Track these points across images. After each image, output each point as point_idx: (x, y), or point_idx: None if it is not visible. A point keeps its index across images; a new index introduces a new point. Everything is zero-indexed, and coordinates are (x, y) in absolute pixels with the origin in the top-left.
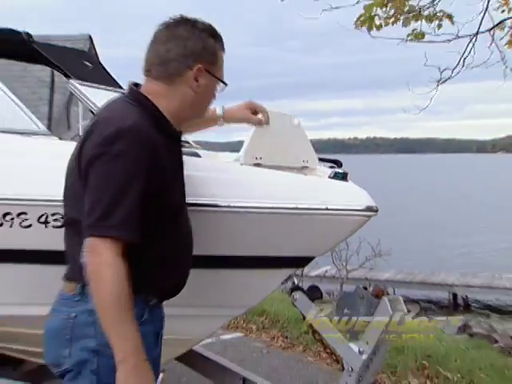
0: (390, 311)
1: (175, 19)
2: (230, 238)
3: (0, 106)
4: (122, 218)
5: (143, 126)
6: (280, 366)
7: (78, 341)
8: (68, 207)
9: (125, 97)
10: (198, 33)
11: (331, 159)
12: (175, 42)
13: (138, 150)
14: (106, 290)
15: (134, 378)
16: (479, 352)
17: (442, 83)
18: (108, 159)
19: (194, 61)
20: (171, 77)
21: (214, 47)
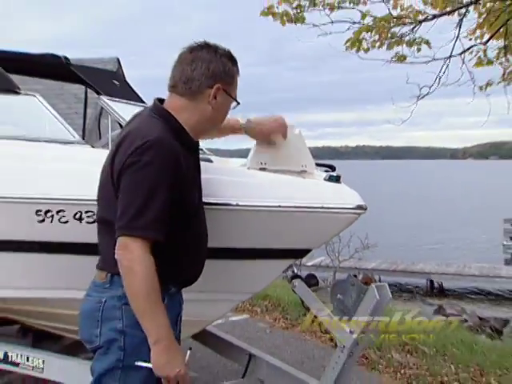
0: (376, 296)
1: (199, 44)
2: (239, 233)
3: (43, 120)
4: (151, 220)
5: (166, 138)
6: (281, 343)
7: (107, 322)
8: (100, 207)
9: (150, 111)
10: (219, 57)
11: (326, 164)
12: (200, 64)
13: (162, 159)
14: (138, 283)
15: (166, 356)
16: (451, 330)
17: (421, 98)
18: (138, 168)
19: (214, 81)
20: (194, 94)
21: (233, 70)
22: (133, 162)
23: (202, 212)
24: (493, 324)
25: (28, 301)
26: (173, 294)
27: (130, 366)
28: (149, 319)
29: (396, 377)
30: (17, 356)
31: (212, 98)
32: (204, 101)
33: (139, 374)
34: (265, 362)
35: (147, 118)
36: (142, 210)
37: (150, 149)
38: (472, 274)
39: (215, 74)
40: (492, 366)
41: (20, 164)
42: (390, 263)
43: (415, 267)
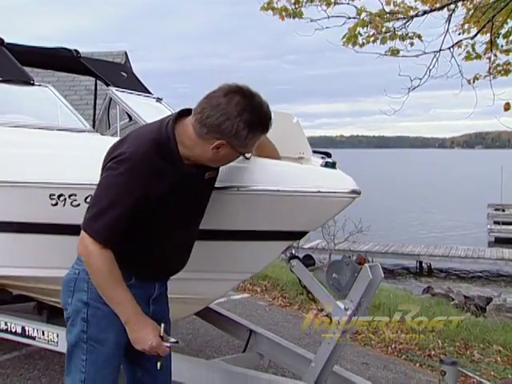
0: (369, 275)
1: (237, 92)
2: (239, 216)
3: (56, 110)
4: (104, 225)
5: (147, 155)
6: (280, 320)
7: (77, 292)
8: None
9: (164, 122)
10: (239, 120)
11: (322, 151)
12: (218, 115)
13: (134, 174)
14: (96, 273)
15: (137, 332)
16: (439, 307)
17: (412, 90)
18: (113, 174)
19: (221, 136)
20: (201, 135)
21: (246, 137)
22: (111, 167)
23: (183, 226)
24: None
25: (42, 279)
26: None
27: (94, 337)
28: (114, 304)
29: (387, 351)
30: (33, 330)
31: (214, 148)
32: (208, 145)
33: (104, 349)
34: (264, 337)
35: (147, 133)
36: (101, 213)
37: (127, 161)
38: (458, 255)
39: (224, 133)
40: (476, 340)
41: (34, 151)
42: (381, 246)
43: (405, 249)
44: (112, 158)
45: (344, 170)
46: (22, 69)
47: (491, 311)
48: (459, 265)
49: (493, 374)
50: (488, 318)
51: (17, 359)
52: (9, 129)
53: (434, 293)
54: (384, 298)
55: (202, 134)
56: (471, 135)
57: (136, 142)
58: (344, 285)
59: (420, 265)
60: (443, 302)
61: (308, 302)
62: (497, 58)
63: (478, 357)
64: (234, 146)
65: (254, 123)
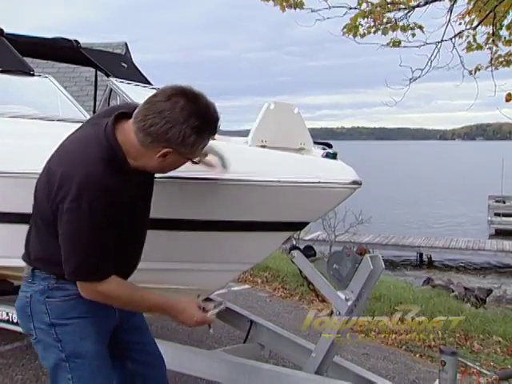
0: (370, 266)
1: (180, 94)
2: (240, 207)
3: (56, 100)
4: (96, 264)
5: (95, 176)
6: (280, 311)
7: (36, 316)
8: (36, 210)
9: (97, 135)
10: (185, 126)
11: (323, 142)
12: (162, 122)
13: (99, 206)
14: (122, 302)
15: (179, 315)
16: (439, 299)
17: (413, 81)
18: (77, 216)
19: (167, 145)
20: (145, 144)
21: (193, 143)
22: (69, 208)
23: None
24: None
25: None
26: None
27: (73, 353)
28: (147, 310)
29: (387, 342)
30: None
31: (161, 156)
32: (153, 153)
33: (86, 361)
34: (265, 328)
35: (91, 138)
36: (86, 257)
37: (83, 195)
38: (459, 247)
39: (170, 141)
40: (476, 331)
41: (35, 141)
42: (382, 237)
43: (406, 241)
44: (63, 198)
45: (345, 162)
46: (22, 59)
47: (491, 303)
48: (460, 256)
49: (492, 364)
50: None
51: (18, 349)
52: (9, 119)
53: (434, 284)
54: (384, 289)
55: (146, 143)
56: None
57: (81, 167)
58: (345, 275)
59: (420, 256)
60: (443, 293)
61: (309, 293)
62: (498, 49)
63: (478, 347)
64: (181, 153)
65: (202, 128)
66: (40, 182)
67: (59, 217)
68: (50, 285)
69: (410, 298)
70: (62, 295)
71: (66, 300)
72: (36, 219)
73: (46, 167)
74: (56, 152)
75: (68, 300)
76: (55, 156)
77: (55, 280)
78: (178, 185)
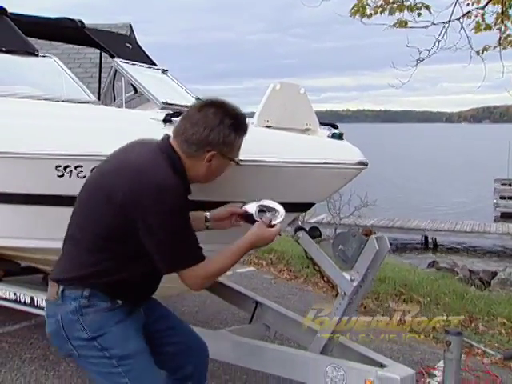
0: (376, 247)
1: (210, 103)
2: (245, 188)
3: (60, 81)
4: (195, 251)
5: (172, 179)
6: (285, 293)
7: (73, 335)
8: (77, 227)
9: (158, 146)
10: (222, 127)
11: (329, 123)
12: (201, 130)
13: (178, 200)
14: (223, 270)
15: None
16: (444, 281)
17: (420, 62)
18: (168, 215)
19: (211, 148)
20: (190, 154)
21: (233, 141)
22: (156, 212)
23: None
24: (482, 276)
25: (49, 251)
26: (127, 311)
27: (120, 357)
28: (242, 255)
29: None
30: (42, 300)
31: (206, 161)
32: (199, 161)
33: (136, 360)
34: (270, 308)
35: (154, 153)
36: (185, 243)
37: (165, 198)
38: (464, 230)
39: (212, 143)
40: (480, 313)
41: (40, 122)
42: (387, 220)
43: (411, 224)
44: (146, 207)
45: (351, 143)
46: (26, 39)
47: (496, 285)
48: (465, 239)
49: (497, 345)
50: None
51: (26, 329)
52: (14, 100)
53: (439, 267)
54: (389, 271)
55: (191, 153)
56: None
57: (155, 175)
58: (350, 256)
59: (425, 239)
60: (448, 276)
61: (314, 275)
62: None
63: (483, 329)
64: (224, 154)
65: (237, 126)
66: (92, 202)
67: (144, 227)
68: (81, 303)
69: (415, 280)
70: (95, 311)
71: (99, 314)
72: (74, 235)
73: (98, 188)
74: (109, 175)
75: (101, 313)
76: (109, 179)
77: (86, 298)
78: None
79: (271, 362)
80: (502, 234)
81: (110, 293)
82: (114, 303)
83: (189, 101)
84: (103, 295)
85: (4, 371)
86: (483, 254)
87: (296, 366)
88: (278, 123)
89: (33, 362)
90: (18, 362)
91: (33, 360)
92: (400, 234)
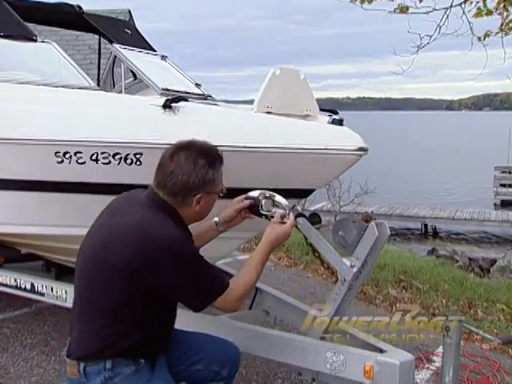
0: (376, 233)
1: (178, 149)
2: (245, 174)
3: (59, 66)
4: (220, 279)
5: (178, 231)
6: (285, 279)
7: None
8: (88, 300)
9: (148, 201)
10: (198, 169)
11: (329, 109)
12: (179, 178)
13: (193, 248)
14: (252, 285)
15: (281, 239)
16: (443, 268)
17: (422, 48)
18: (184, 268)
19: (196, 192)
20: (179, 204)
21: (213, 177)
22: (174, 267)
23: None
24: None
25: (48, 237)
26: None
27: None
28: (265, 261)
29: (391, 310)
30: (42, 287)
31: (196, 204)
32: (189, 207)
33: None
34: (270, 294)
35: (151, 210)
36: (210, 281)
37: (179, 248)
38: (464, 218)
39: (195, 187)
40: (479, 300)
41: (39, 108)
42: (387, 208)
43: (411, 212)
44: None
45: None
46: (24, 24)
47: (495, 272)
48: (464, 227)
49: (495, 331)
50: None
51: (27, 315)
52: (12, 85)
53: (438, 255)
54: (389, 258)
55: (179, 202)
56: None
57: (163, 232)
58: (350, 242)
59: (425, 227)
60: (448, 263)
61: (313, 261)
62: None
63: (482, 315)
64: (209, 192)
65: (211, 161)
66: (96, 275)
67: (165, 284)
68: (106, 376)
69: (415, 267)
70: (121, 379)
71: (126, 381)
72: (84, 310)
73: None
74: (108, 245)
75: (128, 380)
76: (110, 249)
77: (110, 370)
78: None
79: (271, 347)
80: (501, 222)
81: (131, 355)
82: (138, 364)
83: (189, 87)
84: (125, 360)
85: (5, 356)
86: (483, 242)
87: (296, 351)
88: (278, 109)
89: (34, 347)
90: (19, 347)
91: (34, 345)
92: (400, 222)
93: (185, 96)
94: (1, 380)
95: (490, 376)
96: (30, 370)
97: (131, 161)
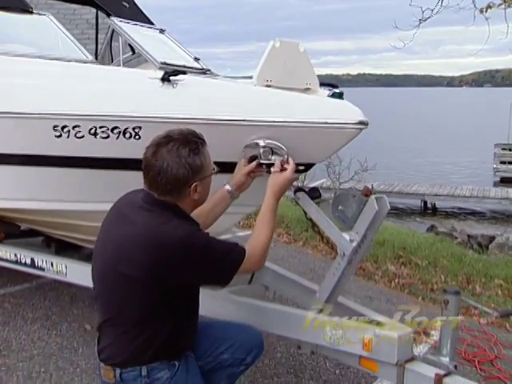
0: (376, 207)
1: (157, 146)
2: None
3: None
4: (233, 252)
5: (189, 224)
6: (285, 256)
7: None
8: (114, 311)
9: (145, 204)
10: (183, 159)
11: (329, 83)
12: (168, 175)
13: (204, 235)
14: (269, 241)
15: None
16: (442, 245)
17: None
18: (202, 252)
19: (188, 185)
20: (177, 199)
21: (200, 162)
22: (189, 255)
23: None
24: (480, 240)
25: (47, 212)
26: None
27: None
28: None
29: (390, 285)
30: (42, 261)
31: (193, 193)
32: (188, 197)
33: None
34: (270, 269)
35: (151, 214)
36: (228, 253)
37: (193, 241)
38: (463, 195)
39: (186, 178)
40: (478, 275)
41: (36, 81)
42: (387, 185)
43: (410, 189)
44: (172, 254)
45: None
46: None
47: (494, 249)
48: (464, 204)
49: (493, 306)
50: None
51: (28, 290)
52: (8, 58)
53: (437, 231)
54: (388, 235)
55: (176, 197)
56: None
57: (173, 232)
58: (350, 216)
59: (425, 204)
60: (447, 239)
61: (313, 238)
62: None
63: (480, 290)
64: (203, 177)
65: (193, 147)
66: (118, 289)
67: (188, 275)
68: (143, 382)
69: (414, 243)
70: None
71: None
72: (112, 319)
73: (120, 274)
74: (124, 257)
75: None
76: (128, 260)
77: (147, 376)
78: None
79: (271, 321)
80: (501, 199)
81: (165, 358)
82: (173, 367)
83: (188, 61)
84: (159, 364)
85: (7, 330)
86: (482, 219)
87: (295, 324)
88: (277, 82)
89: (35, 321)
90: (21, 321)
91: (35, 320)
92: (399, 199)
93: (183, 70)
94: (4, 352)
95: (487, 349)
96: (32, 343)
97: (130, 135)
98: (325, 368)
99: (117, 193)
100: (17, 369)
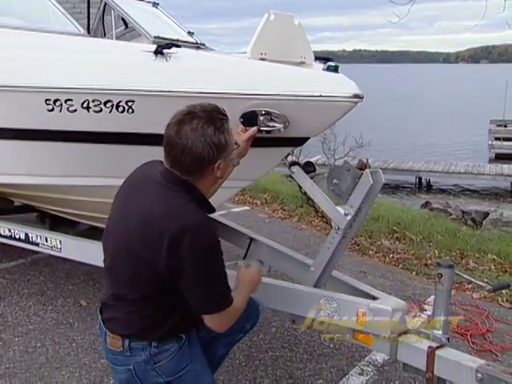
0: (370, 181)
1: (181, 123)
2: None
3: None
4: (228, 293)
5: (203, 217)
6: (280, 231)
7: (148, 381)
8: (123, 287)
9: (165, 181)
10: (208, 138)
11: (324, 57)
12: (193, 154)
13: (214, 236)
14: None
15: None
16: (437, 221)
17: None
18: (203, 255)
19: (213, 163)
20: (199, 178)
21: (224, 140)
22: (196, 252)
23: None
24: (474, 216)
25: (40, 187)
26: (192, 340)
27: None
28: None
29: (385, 260)
30: (36, 237)
31: (216, 171)
32: (210, 176)
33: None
34: (264, 244)
35: (169, 192)
36: (223, 291)
37: (201, 238)
38: (458, 171)
39: (211, 157)
40: (471, 250)
41: (28, 54)
42: (381, 161)
43: (405, 165)
44: (185, 249)
45: None
46: None
47: (488, 225)
48: (458, 180)
49: (486, 280)
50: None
51: (23, 266)
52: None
53: (432, 207)
54: (383, 211)
55: (199, 176)
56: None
57: (186, 217)
58: (344, 190)
59: (419, 181)
60: (441, 215)
61: (308, 213)
62: None
63: (473, 265)
64: (226, 155)
65: (217, 126)
66: (131, 265)
67: (184, 268)
68: (151, 352)
69: (408, 219)
70: (166, 356)
71: (171, 359)
72: (123, 294)
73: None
74: (138, 234)
75: (173, 357)
76: (139, 238)
77: (156, 347)
78: None
79: (265, 295)
80: (495, 175)
81: (174, 332)
82: (180, 340)
83: (181, 35)
84: (169, 337)
85: (3, 305)
86: (476, 195)
87: (290, 299)
88: (272, 56)
89: (30, 296)
90: (17, 296)
91: (30, 295)
92: (394, 176)
93: (177, 43)
94: (0, 327)
95: (480, 323)
96: (28, 318)
97: (123, 108)
98: (319, 342)
99: (111, 167)
100: (13, 343)
